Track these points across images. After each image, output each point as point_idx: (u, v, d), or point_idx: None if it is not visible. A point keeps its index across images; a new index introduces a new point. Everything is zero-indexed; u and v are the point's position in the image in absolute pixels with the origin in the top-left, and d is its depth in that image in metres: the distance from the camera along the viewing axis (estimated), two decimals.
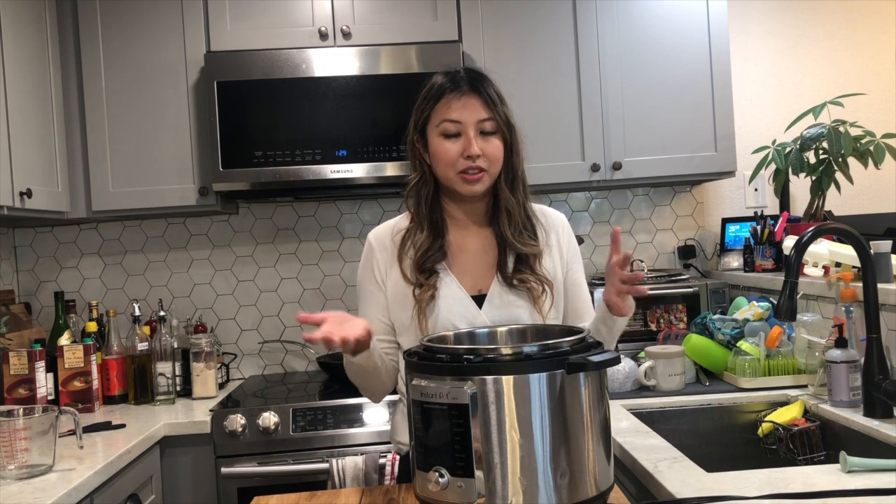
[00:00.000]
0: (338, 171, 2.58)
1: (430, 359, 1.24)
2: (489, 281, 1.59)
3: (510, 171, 1.60)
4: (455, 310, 1.56)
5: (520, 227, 1.60)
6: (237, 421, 2.32)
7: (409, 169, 1.65)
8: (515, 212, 1.60)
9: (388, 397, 1.70)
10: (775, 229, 2.70)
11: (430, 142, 1.57)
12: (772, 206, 3.08)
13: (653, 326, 2.72)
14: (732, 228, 2.97)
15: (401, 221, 1.66)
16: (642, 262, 3.01)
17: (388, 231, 1.66)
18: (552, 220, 1.69)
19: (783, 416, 1.97)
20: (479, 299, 1.58)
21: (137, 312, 2.65)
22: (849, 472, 1.43)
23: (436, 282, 1.56)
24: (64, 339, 2.60)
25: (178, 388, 2.66)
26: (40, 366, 2.39)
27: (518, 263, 1.59)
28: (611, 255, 1.49)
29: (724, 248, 2.98)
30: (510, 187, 1.60)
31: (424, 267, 1.57)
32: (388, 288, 1.62)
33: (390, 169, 2.58)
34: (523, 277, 1.57)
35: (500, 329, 1.48)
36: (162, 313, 2.67)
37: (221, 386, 2.78)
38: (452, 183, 1.56)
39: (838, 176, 2.51)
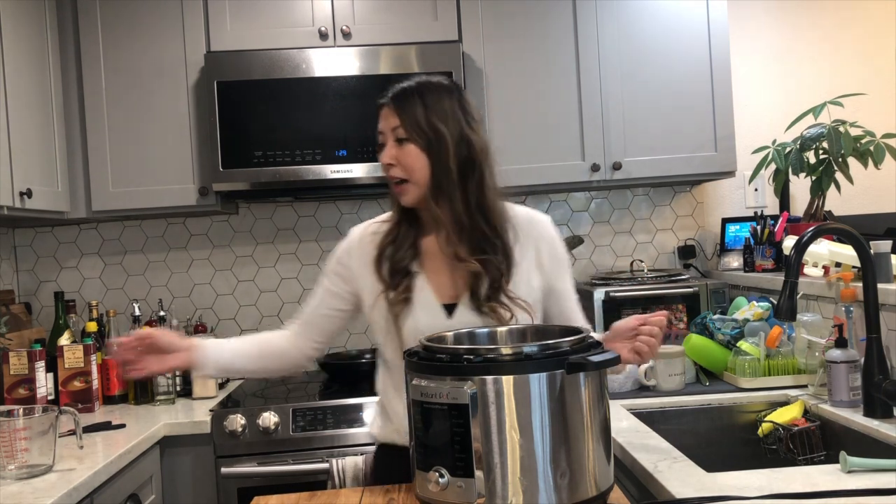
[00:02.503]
0: (338, 171, 2.58)
1: (430, 359, 1.24)
2: (462, 290, 1.56)
3: (439, 178, 1.52)
4: (422, 318, 1.55)
5: (473, 239, 1.54)
6: (237, 421, 2.32)
7: None
8: (449, 225, 1.54)
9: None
10: (775, 229, 2.70)
11: None
12: (772, 206, 3.08)
13: None
14: (732, 228, 2.97)
15: (383, 223, 1.66)
16: (642, 262, 3.01)
17: (369, 231, 1.66)
18: (536, 227, 1.63)
19: (783, 416, 1.97)
20: (450, 307, 1.56)
21: (137, 312, 2.65)
22: (849, 472, 1.43)
23: (410, 285, 1.56)
24: (64, 339, 2.60)
25: (178, 388, 2.66)
26: (40, 366, 2.39)
27: (488, 287, 1.53)
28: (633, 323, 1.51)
29: (724, 248, 2.98)
30: (435, 198, 1.53)
31: (397, 268, 1.57)
32: (360, 287, 1.63)
33: None
34: (492, 306, 1.52)
35: (500, 329, 1.48)
36: (162, 313, 2.67)
37: (221, 386, 2.78)
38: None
39: (838, 176, 2.51)
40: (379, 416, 1.70)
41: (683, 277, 2.80)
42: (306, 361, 1.74)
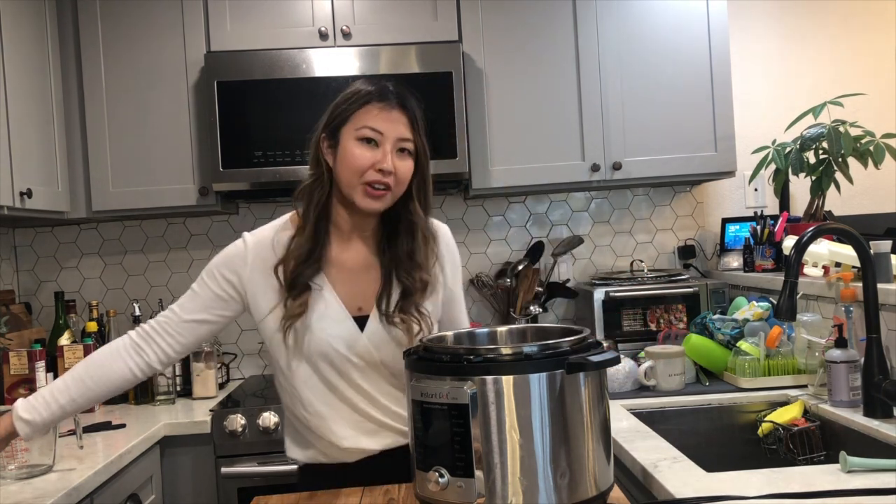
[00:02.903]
0: None
1: (430, 359, 1.24)
2: (370, 302, 1.54)
3: (424, 198, 1.53)
4: (333, 331, 1.51)
5: (417, 250, 1.53)
6: (237, 421, 2.32)
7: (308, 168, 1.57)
8: (418, 231, 1.53)
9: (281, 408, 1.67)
10: (775, 229, 2.70)
11: (342, 145, 1.48)
12: (772, 206, 3.08)
13: (653, 326, 2.72)
14: (732, 228, 2.97)
15: (283, 228, 1.58)
16: (642, 262, 3.01)
17: (267, 237, 1.57)
18: (444, 242, 1.63)
19: (783, 416, 1.97)
20: (360, 320, 1.53)
21: (137, 312, 2.65)
22: (849, 472, 1.43)
23: (307, 299, 1.49)
24: (64, 339, 2.60)
25: (178, 388, 2.66)
26: (40, 366, 2.39)
27: (402, 298, 1.52)
28: None
29: (724, 248, 2.98)
30: (423, 215, 1.54)
31: (297, 282, 1.50)
32: (252, 296, 1.54)
33: None
34: (404, 317, 1.51)
35: (499, 329, 1.48)
36: None
37: (221, 386, 2.78)
38: (353, 192, 1.48)
39: (838, 176, 2.51)
40: (293, 437, 1.63)
41: (683, 277, 2.80)
42: (143, 374, 1.57)
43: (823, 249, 2.20)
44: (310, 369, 1.54)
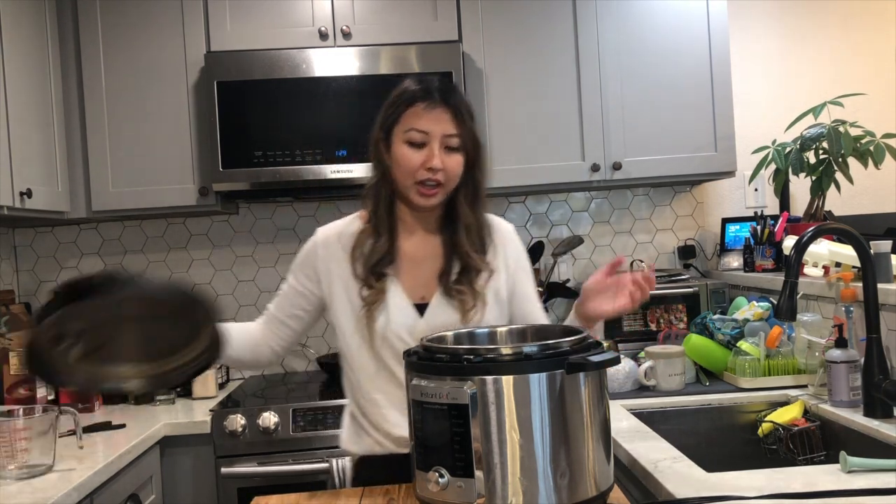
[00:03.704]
0: (338, 171, 2.58)
1: (430, 359, 1.24)
2: (432, 289, 1.60)
3: (472, 187, 1.60)
4: (397, 318, 1.57)
5: (476, 244, 1.61)
6: (237, 421, 2.32)
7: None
8: (473, 228, 1.60)
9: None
10: (775, 229, 2.70)
11: (393, 147, 1.56)
12: (772, 206, 3.08)
13: (653, 326, 2.72)
14: (732, 228, 2.97)
15: (351, 223, 1.66)
16: (642, 261, 3.01)
17: (335, 232, 1.66)
18: (501, 235, 1.69)
19: (783, 416, 1.97)
20: (421, 307, 1.59)
21: None
22: (849, 472, 1.43)
23: (385, 286, 1.57)
24: None
25: (178, 389, 2.66)
26: None
27: (461, 274, 1.59)
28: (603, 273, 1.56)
29: (724, 248, 2.98)
30: (470, 204, 1.60)
31: (374, 271, 1.57)
32: (326, 287, 1.63)
33: None
34: (461, 289, 1.57)
35: (499, 329, 1.48)
36: None
37: (221, 386, 2.78)
38: (408, 191, 1.56)
39: (838, 176, 2.51)
40: (351, 429, 1.68)
41: (683, 277, 2.80)
42: (272, 357, 1.71)
43: (823, 249, 2.20)
44: (371, 357, 1.59)
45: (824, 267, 2.27)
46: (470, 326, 1.54)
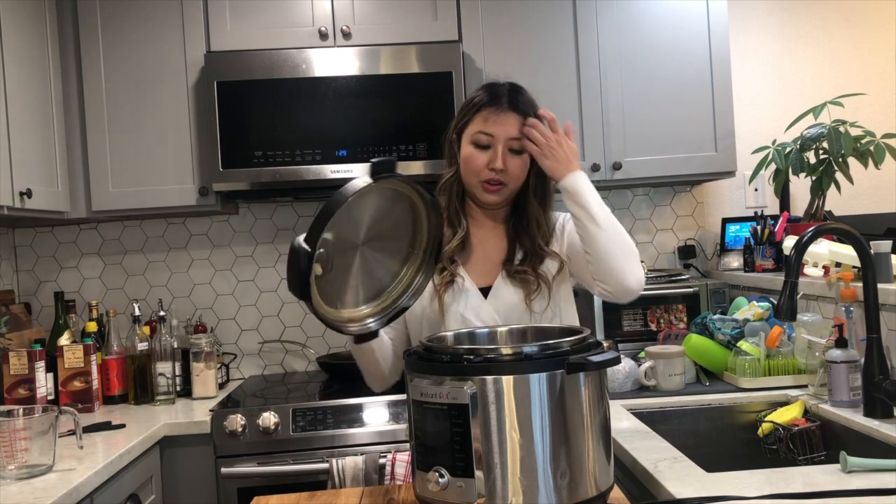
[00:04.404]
0: (338, 171, 2.57)
1: (430, 359, 1.24)
2: (495, 275, 1.68)
3: (541, 186, 1.71)
4: (465, 301, 1.65)
5: (544, 237, 1.70)
6: (237, 421, 2.32)
7: (444, 165, 1.75)
8: (542, 224, 1.71)
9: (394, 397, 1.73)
10: (775, 229, 2.70)
11: (462, 148, 1.68)
12: (772, 206, 3.08)
13: (653, 326, 2.72)
14: (732, 228, 2.97)
15: None
16: (642, 262, 3.00)
17: None
18: (560, 223, 1.77)
19: (783, 416, 1.97)
20: (486, 291, 1.67)
21: (137, 312, 2.65)
22: (849, 472, 1.43)
23: (454, 271, 1.66)
24: (64, 339, 2.60)
25: (178, 388, 2.66)
26: (40, 366, 2.39)
27: (523, 260, 1.68)
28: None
29: (724, 248, 2.98)
30: (540, 200, 1.71)
31: (446, 258, 1.66)
32: None
33: None
34: (523, 270, 1.66)
35: (500, 329, 1.48)
36: (162, 313, 2.67)
37: (221, 386, 2.78)
38: (474, 189, 1.68)
39: (838, 176, 2.51)
40: None
41: (683, 277, 2.80)
42: (398, 364, 1.70)
43: (823, 249, 2.20)
44: None
45: (824, 267, 2.27)
46: (475, 326, 1.55)
